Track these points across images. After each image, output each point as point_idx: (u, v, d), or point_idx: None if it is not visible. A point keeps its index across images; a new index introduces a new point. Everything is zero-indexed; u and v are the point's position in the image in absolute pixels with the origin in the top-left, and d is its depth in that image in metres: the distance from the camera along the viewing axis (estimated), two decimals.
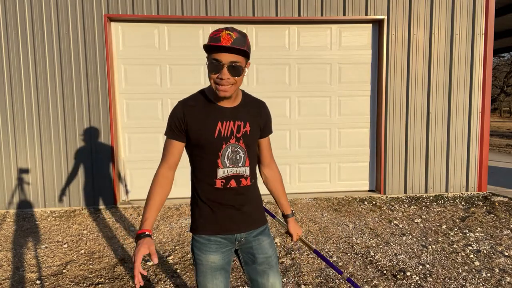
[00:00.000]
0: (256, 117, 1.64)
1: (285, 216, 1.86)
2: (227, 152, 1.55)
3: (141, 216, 4.69)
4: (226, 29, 1.43)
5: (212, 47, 1.41)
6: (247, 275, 1.70)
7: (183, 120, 1.54)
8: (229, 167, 1.56)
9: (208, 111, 1.55)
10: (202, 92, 1.61)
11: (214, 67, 1.43)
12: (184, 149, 1.64)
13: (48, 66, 4.90)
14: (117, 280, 3.07)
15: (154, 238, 3.99)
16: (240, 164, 1.58)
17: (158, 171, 1.57)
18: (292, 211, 1.87)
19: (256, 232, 1.67)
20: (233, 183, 1.57)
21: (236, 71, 1.43)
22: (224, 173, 1.56)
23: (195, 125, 1.53)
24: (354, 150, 5.66)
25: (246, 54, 1.45)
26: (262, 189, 1.80)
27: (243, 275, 3.07)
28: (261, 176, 1.81)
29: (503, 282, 2.96)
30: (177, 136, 1.56)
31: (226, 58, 1.41)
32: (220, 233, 1.60)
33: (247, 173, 1.60)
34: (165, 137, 1.60)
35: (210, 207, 1.59)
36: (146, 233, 1.40)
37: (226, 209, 1.60)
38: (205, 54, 1.50)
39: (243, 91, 1.66)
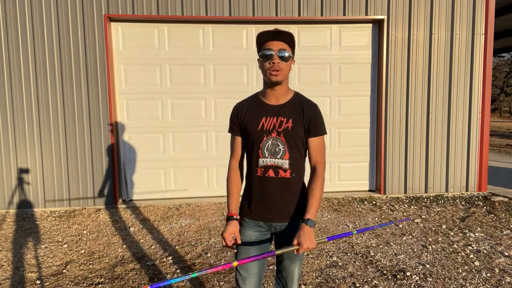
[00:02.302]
0: (300, 115, 1.76)
1: (301, 220, 1.69)
2: (267, 144, 1.75)
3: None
4: (275, 28, 1.72)
5: (265, 37, 1.68)
6: (276, 258, 1.90)
7: (237, 116, 1.82)
8: (268, 158, 1.75)
9: (256, 108, 1.79)
10: (256, 94, 1.87)
11: (266, 55, 1.68)
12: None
13: (48, 66, 4.90)
14: (117, 280, 3.07)
15: (154, 238, 3.99)
16: (278, 156, 1.74)
17: (229, 164, 1.87)
18: (311, 219, 1.65)
19: (290, 225, 1.80)
20: (271, 173, 1.75)
21: (284, 57, 1.68)
22: (263, 162, 1.75)
23: (246, 119, 1.79)
24: (354, 150, 5.66)
25: (292, 43, 1.70)
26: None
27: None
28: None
29: (503, 282, 2.96)
30: (235, 132, 1.85)
31: (276, 45, 1.67)
32: (255, 219, 1.81)
33: (285, 165, 1.74)
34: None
35: (251, 194, 1.81)
36: (234, 217, 1.75)
37: (263, 197, 1.78)
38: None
39: (296, 92, 1.84)
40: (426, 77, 5.41)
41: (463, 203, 5.15)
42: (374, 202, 5.18)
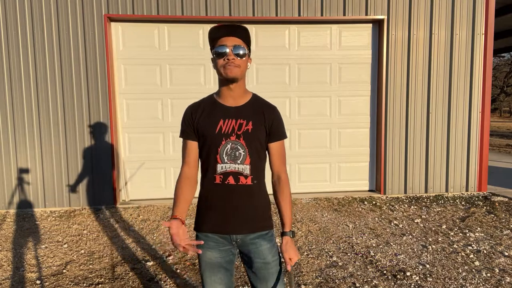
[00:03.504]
0: (260, 118, 1.63)
1: (281, 234, 1.63)
2: (226, 148, 1.59)
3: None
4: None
5: (217, 33, 1.57)
6: (248, 279, 1.70)
7: (191, 119, 1.65)
8: (227, 163, 1.59)
9: (212, 109, 1.64)
10: (210, 95, 1.71)
11: (220, 52, 1.56)
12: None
13: (48, 66, 4.90)
14: (117, 280, 3.07)
15: (154, 238, 3.99)
16: (239, 161, 1.59)
17: (180, 172, 1.66)
18: (292, 231, 1.62)
19: (254, 235, 1.63)
20: (231, 180, 1.59)
21: (240, 53, 1.55)
22: (222, 168, 1.59)
23: (201, 121, 1.63)
24: (354, 150, 5.66)
25: (247, 40, 1.59)
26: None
27: (243, 275, 3.07)
28: (272, 185, 1.73)
29: (503, 282, 2.96)
30: (189, 135, 1.65)
31: (230, 41, 1.55)
32: (215, 231, 1.61)
33: (246, 171, 1.59)
34: (180, 139, 1.69)
35: (209, 204, 1.63)
36: (178, 218, 1.50)
37: (222, 207, 1.60)
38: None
39: (254, 94, 1.71)
40: (426, 77, 5.41)
41: (463, 203, 5.15)
42: (374, 202, 5.18)
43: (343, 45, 5.47)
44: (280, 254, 1.63)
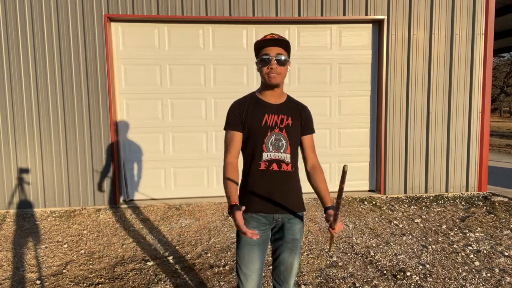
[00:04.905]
0: (297, 114, 1.92)
1: (326, 209, 1.85)
2: (271, 139, 1.84)
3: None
4: (270, 33, 1.84)
5: (263, 44, 1.79)
6: (273, 249, 1.94)
7: (239, 112, 1.86)
8: (272, 152, 1.84)
9: (257, 105, 1.88)
10: (252, 93, 1.95)
11: (264, 61, 1.79)
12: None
13: (48, 66, 4.90)
14: (117, 280, 3.07)
15: (154, 238, 3.99)
16: (282, 151, 1.85)
17: (225, 160, 1.84)
18: (333, 205, 1.84)
19: (292, 216, 1.89)
20: (275, 166, 1.84)
21: (281, 62, 1.79)
22: (267, 156, 1.84)
23: (249, 116, 1.86)
24: (354, 150, 5.66)
25: (287, 48, 1.82)
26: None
27: None
28: (306, 173, 1.96)
29: (503, 282, 2.96)
30: (236, 127, 1.87)
31: (273, 51, 1.78)
32: (259, 212, 1.84)
33: (288, 159, 1.86)
34: (224, 131, 1.90)
35: (254, 188, 1.85)
36: (238, 205, 1.67)
37: (266, 190, 1.84)
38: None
39: (288, 95, 1.97)
40: (426, 77, 5.41)
41: (463, 203, 5.15)
42: (374, 202, 5.18)
43: (343, 45, 5.47)
44: (329, 223, 1.78)
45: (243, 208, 1.64)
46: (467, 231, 4.08)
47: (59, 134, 4.99)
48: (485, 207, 4.93)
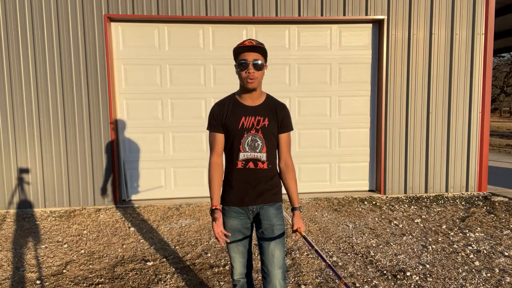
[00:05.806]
0: (273, 114, 2.03)
1: (292, 209, 2.06)
2: (248, 140, 1.98)
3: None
4: (248, 39, 1.99)
5: (241, 50, 1.93)
6: (258, 241, 2.06)
7: (220, 115, 2.02)
8: (248, 152, 1.99)
9: (235, 108, 2.02)
10: (232, 95, 2.08)
11: (242, 65, 1.92)
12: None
13: (48, 66, 4.90)
14: (117, 280, 3.07)
15: (154, 238, 3.99)
16: (257, 150, 1.99)
17: (210, 160, 2.04)
18: (299, 206, 2.06)
19: (267, 206, 2.03)
20: (251, 165, 2.00)
21: (258, 67, 1.92)
22: (243, 156, 1.99)
23: (227, 118, 2.01)
24: (354, 150, 5.66)
25: (264, 53, 1.95)
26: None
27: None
28: (278, 169, 2.10)
29: (503, 282, 2.96)
30: (217, 129, 2.04)
31: (250, 56, 1.91)
32: (237, 205, 2.03)
33: (264, 158, 2.00)
34: (208, 131, 2.09)
35: (232, 184, 2.03)
36: (218, 208, 1.94)
37: (243, 186, 2.01)
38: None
39: (268, 95, 2.10)
40: (426, 77, 5.41)
41: (463, 203, 5.15)
42: (374, 202, 5.18)
43: (343, 45, 5.47)
44: (291, 224, 2.02)
45: (220, 215, 1.91)
46: (467, 231, 4.08)
47: (59, 134, 4.99)
48: (485, 207, 4.93)
